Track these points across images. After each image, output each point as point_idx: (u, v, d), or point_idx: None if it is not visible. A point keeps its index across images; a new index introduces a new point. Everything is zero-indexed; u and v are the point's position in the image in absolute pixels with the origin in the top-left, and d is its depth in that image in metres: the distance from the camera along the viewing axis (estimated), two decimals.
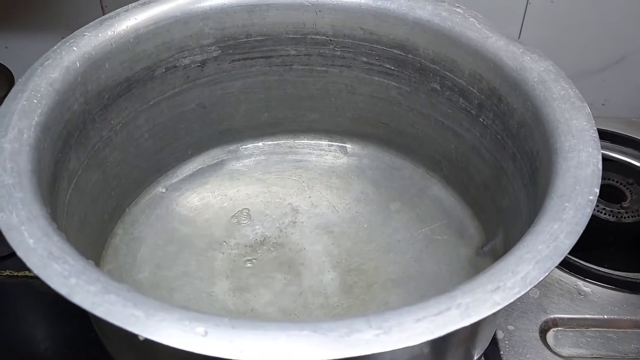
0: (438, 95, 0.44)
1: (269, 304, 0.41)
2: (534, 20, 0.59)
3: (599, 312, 0.45)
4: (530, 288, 0.26)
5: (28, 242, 0.28)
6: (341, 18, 0.44)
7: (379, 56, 0.45)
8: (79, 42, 0.39)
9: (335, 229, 0.46)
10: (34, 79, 0.36)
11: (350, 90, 0.48)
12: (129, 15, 0.41)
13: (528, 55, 0.38)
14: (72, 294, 0.26)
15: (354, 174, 0.50)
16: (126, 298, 0.26)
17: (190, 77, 0.45)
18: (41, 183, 0.32)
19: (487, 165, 0.43)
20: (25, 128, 0.33)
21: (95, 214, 0.42)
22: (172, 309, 0.25)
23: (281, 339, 0.24)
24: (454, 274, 0.43)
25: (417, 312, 0.25)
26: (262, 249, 0.45)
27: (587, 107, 0.35)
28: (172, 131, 0.47)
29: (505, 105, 0.39)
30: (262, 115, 0.50)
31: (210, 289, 0.42)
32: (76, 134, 0.38)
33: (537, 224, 0.29)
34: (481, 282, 0.27)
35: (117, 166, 0.43)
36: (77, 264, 0.27)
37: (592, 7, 0.58)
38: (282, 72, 0.47)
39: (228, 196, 0.48)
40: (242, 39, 0.45)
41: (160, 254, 0.44)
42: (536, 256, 0.27)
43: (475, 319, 0.25)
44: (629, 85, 0.64)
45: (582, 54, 0.61)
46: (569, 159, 0.32)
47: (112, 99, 0.41)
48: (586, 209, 0.29)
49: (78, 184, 0.39)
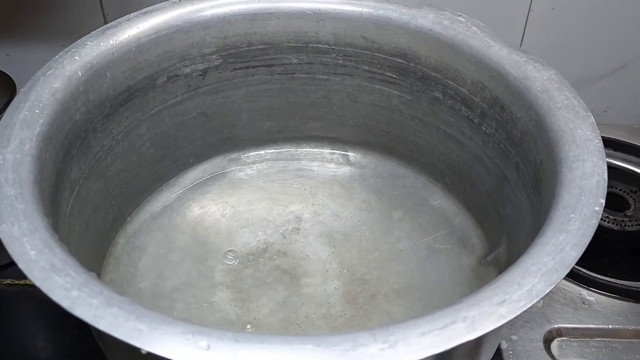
0: (440, 104, 0.44)
1: (270, 314, 0.41)
2: (536, 28, 0.59)
3: (603, 322, 0.45)
4: (537, 301, 0.26)
5: (30, 254, 0.27)
6: (343, 27, 0.44)
7: (381, 65, 0.45)
8: (80, 52, 0.38)
9: (338, 237, 0.46)
10: (36, 88, 0.36)
11: (352, 99, 0.48)
12: (131, 25, 0.41)
13: (531, 64, 0.38)
14: (74, 306, 0.25)
15: (356, 183, 0.50)
16: (129, 311, 0.25)
17: (191, 86, 0.45)
18: (43, 193, 0.32)
19: (490, 175, 0.43)
20: (27, 138, 0.33)
21: (97, 224, 0.42)
22: (175, 322, 0.25)
23: (285, 353, 0.24)
24: (457, 284, 0.43)
25: (423, 326, 0.25)
26: (264, 258, 0.45)
27: (591, 117, 0.35)
28: (174, 140, 0.47)
29: (508, 114, 0.39)
30: (264, 124, 0.50)
31: (211, 299, 0.42)
32: (78, 143, 0.38)
33: (543, 235, 0.29)
34: (487, 294, 0.26)
35: (119, 175, 0.43)
36: (79, 276, 0.27)
37: (593, 14, 0.58)
38: (284, 81, 0.47)
39: (230, 204, 0.48)
40: (243, 47, 0.45)
41: (162, 263, 0.44)
42: (542, 268, 0.27)
43: (481, 332, 0.25)
44: (631, 92, 0.63)
45: (584, 61, 0.61)
46: (574, 169, 0.32)
47: (114, 108, 0.41)
48: (592, 220, 0.29)
49: (80, 193, 0.39)
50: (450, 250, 0.45)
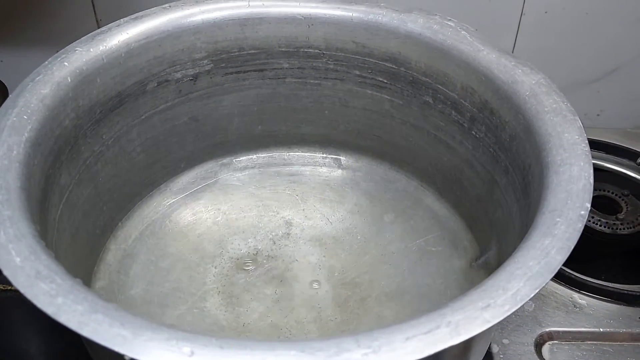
0: (430, 108, 0.44)
1: (260, 319, 0.41)
2: (528, 31, 0.59)
3: (594, 325, 0.45)
4: (521, 305, 0.26)
5: (15, 260, 0.27)
6: (333, 31, 0.44)
7: (372, 69, 0.45)
8: (70, 57, 0.39)
9: (328, 241, 0.46)
10: (25, 94, 0.36)
11: (344, 103, 0.48)
12: (121, 30, 0.41)
13: (520, 69, 0.38)
14: (58, 313, 0.25)
15: (347, 187, 0.50)
16: (113, 317, 0.25)
17: (182, 91, 0.45)
18: (30, 200, 0.32)
19: (480, 178, 0.43)
20: (14, 144, 0.33)
21: (87, 230, 0.42)
22: (159, 328, 0.25)
23: (269, 359, 0.24)
24: (448, 287, 0.43)
25: (407, 331, 0.25)
26: (255, 263, 0.45)
27: (578, 121, 0.35)
28: (165, 145, 0.47)
29: (497, 118, 0.39)
30: (256, 128, 0.50)
31: (202, 304, 0.42)
32: (67, 149, 0.38)
33: (529, 239, 0.29)
34: (472, 299, 0.26)
35: (110, 181, 0.43)
36: (64, 282, 0.27)
37: (586, 17, 0.58)
38: (276, 85, 0.47)
39: (221, 210, 0.48)
40: (234, 52, 0.45)
41: (153, 270, 0.44)
42: (527, 272, 0.27)
43: (465, 337, 0.25)
44: (624, 96, 0.64)
45: (577, 64, 0.61)
46: (561, 173, 0.32)
47: (104, 113, 0.41)
48: (577, 224, 0.29)
49: (69, 199, 0.39)
50: (442, 252, 0.45)
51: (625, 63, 0.61)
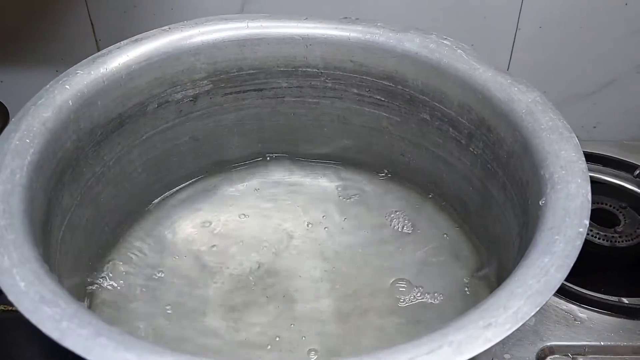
0: (428, 125, 0.45)
1: (262, 333, 0.41)
2: (523, 46, 0.59)
3: (595, 339, 0.45)
4: (522, 324, 0.26)
5: (19, 285, 0.28)
6: (331, 51, 0.45)
7: (369, 87, 0.46)
8: (71, 81, 0.39)
9: (329, 254, 0.46)
10: (27, 118, 0.36)
11: (343, 121, 0.48)
12: (121, 52, 0.41)
13: (516, 86, 0.39)
14: (63, 338, 0.26)
15: (348, 199, 0.50)
16: (118, 341, 0.26)
17: (182, 112, 0.46)
18: (34, 223, 0.32)
19: (479, 194, 0.43)
20: (17, 168, 0.33)
21: (89, 249, 0.42)
22: (163, 351, 0.25)
23: None
24: (450, 298, 0.43)
25: (410, 351, 0.25)
26: (256, 277, 0.45)
27: (575, 138, 0.35)
28: (165, 164, 0.47)
29: (494, 135, 0.40)
30: (256, 146, 0.50)
31: (203, 318, 0.42)
32: (69, 171, 0.38)
33: (528, 257, 0.29)
34: (473, 318, 0.27)
35: (111, 201, 0.44)
36: (68, 307, 0.27)
37: (580, 31, 0.58)
38: (275, 105, 0.48)
39: (222, 222, 0.48)
40: (233, 72, 0.46)
41: (154, 284, 0.44)
42: (527, 291, 0.27)
43: (468, 356, 0.25)
44: (620, 108, 0.64)
45: (573, 78, 0.62)
46: (558, 191, 0.32)
47: (105, 135, 0.41)
48: (576, 241, 0.30)
49: (71, 220, 0.39)
50: (443, 263, 0.45)
51: (621, 75, 0.61)
